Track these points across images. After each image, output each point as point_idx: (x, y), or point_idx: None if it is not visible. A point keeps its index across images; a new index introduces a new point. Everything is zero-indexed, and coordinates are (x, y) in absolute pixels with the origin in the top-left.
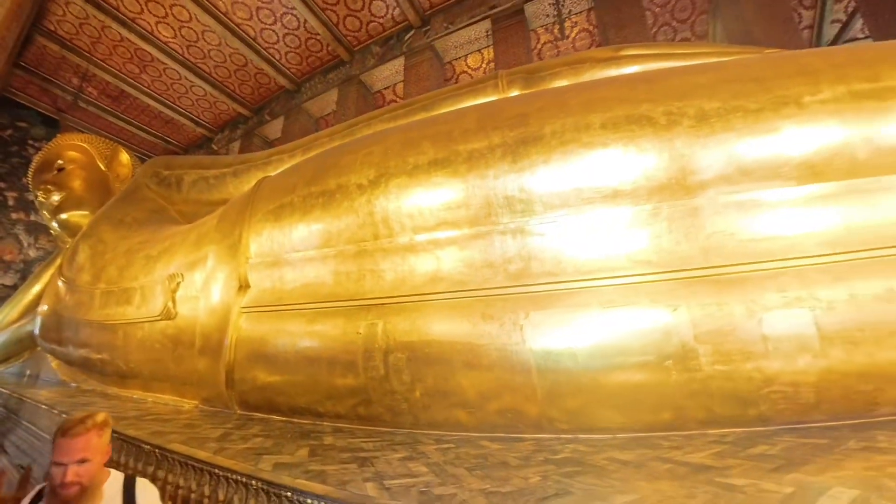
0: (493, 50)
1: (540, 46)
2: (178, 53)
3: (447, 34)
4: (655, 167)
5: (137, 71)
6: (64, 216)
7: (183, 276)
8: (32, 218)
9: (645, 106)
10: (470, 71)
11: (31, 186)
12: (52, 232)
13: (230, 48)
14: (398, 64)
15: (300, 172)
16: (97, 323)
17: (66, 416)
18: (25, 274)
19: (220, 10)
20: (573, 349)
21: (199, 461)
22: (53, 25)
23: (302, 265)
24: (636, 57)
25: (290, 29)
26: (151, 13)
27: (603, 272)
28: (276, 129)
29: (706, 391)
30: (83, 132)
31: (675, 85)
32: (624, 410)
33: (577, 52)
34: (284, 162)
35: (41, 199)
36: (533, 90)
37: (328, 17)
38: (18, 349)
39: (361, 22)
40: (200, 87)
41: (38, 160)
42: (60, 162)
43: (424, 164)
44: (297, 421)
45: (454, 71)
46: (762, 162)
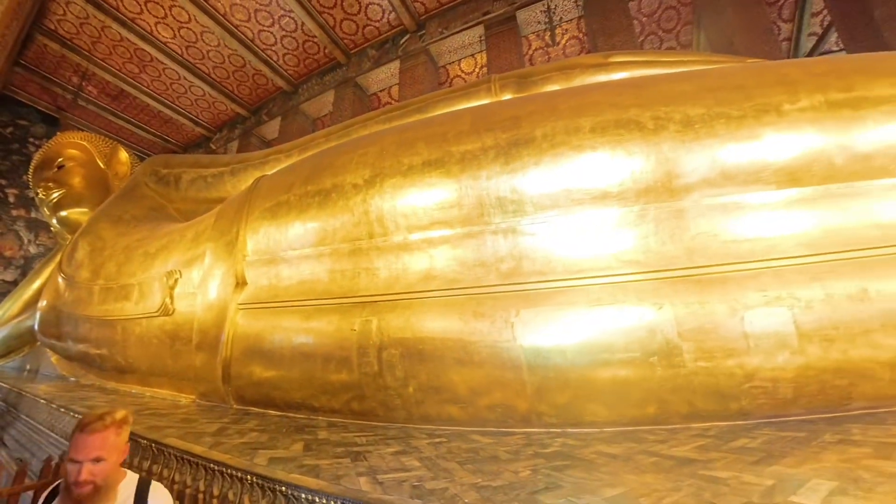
0: (486, 55)
1: (531, 52)
2: (177, 54)
3: (442, 39)
4: (642, 170)
5: (137, 70)
6: (64, 213)
7: (181, 272)
8: (33, 215)
9: (633, 111)
10: (464, 75)
11: (31, 184)
12: (52, 229)
13: (229, 49)
14: (394, 67)
15: (297, 172)
16: (96, 318)
17: (68, 410)
18: (26, 270)
19: (218, 11)
20: (562, 346)
21: (195, 456)
22: (54, 24)
23: (298, 263)
24: (624, 63)
25: (287, 31)
26: (151, 14)
27: (591, 271)
28: (273, 129)
29: (689, 386)
30: (83, 130)
31: (661, 91)
32: (610, 405)
33: (567, 58)
34: (281, 161)
35: (41, 196)
36: (525, 94)
37: (325, 20)
38: (18, 344)
39: (358, 25)
40: (199, 87)
41: (38, 158)
42: (60, 160)
43: (419, 164)
44: (292, 415)
45: (448, 75)
46: (744, 167)
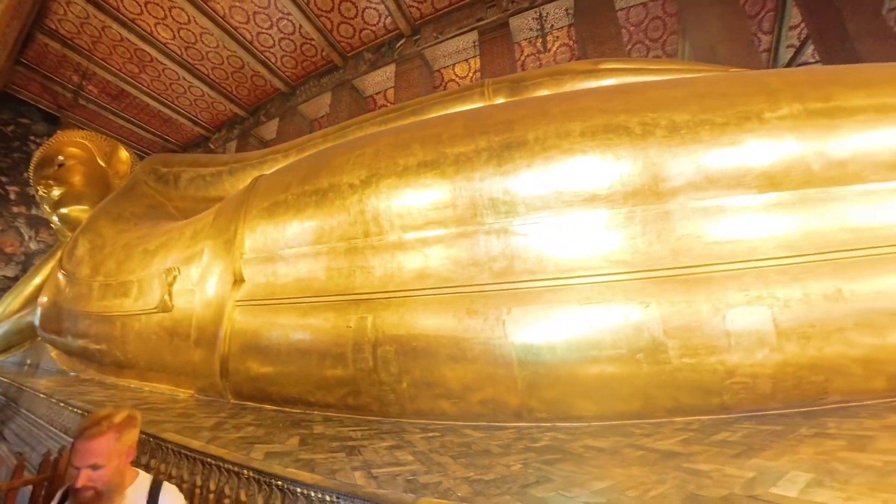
0: (479, 60)
1: (524, 58)
2: (176, 54)
3: (436, 43)
4: (630, 173)
5: (137, 70)
6: (64, 210)
7: (179, 270)
8: (34, 212)
9: (622, 116)
10: (457, 79)
11: (32, 181)
12: (52, 226)
13: (228, 51)
14: (389, 70)
15: (294, 172)
16: (96, 314)
17: (68, 405)
18: (26, 266)
19: (217, 13)
20: (552, 343)
21: (192, 450)
22: (55, 24)
23: (295, 261)
24: (613, 70)
25: (285, 33)
26: (151, 14)
27: (581, 271)
28: (271, 129)
29: (674, 382)
30: (84, 129)
31: (649, 97)
32: (598, 400)
33: (558, 64)
34: (279, 161)
35: (42, 193)
36: (517, 98)
37: (322, 23)
38: (19, 339)
39: (355, 29)
40: (198, 87)
41: (39, 156)
42: (61, 158)
43: (414, 165)
44: (288, 410)
45: (442, 79)
46: (727, 171)
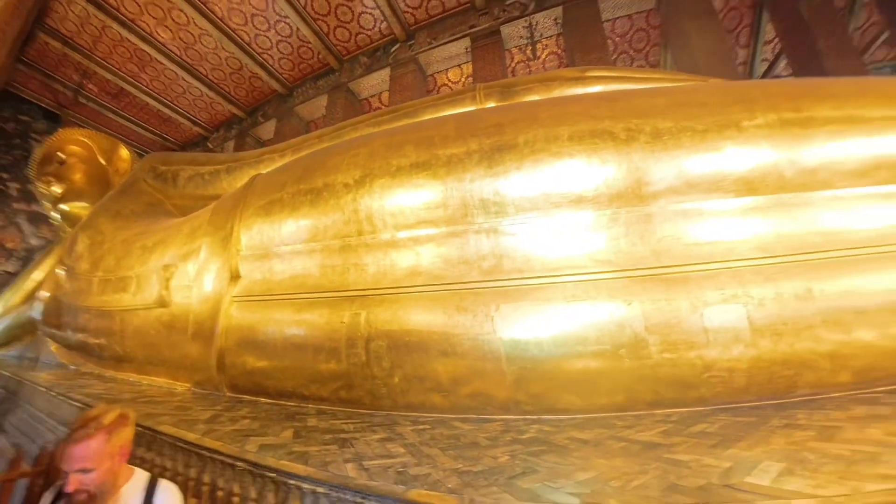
0: (471, 65)
1: (514, 65)
2: (176, 55)
3: (430, 49)
4: (615, 177)
5: (137, 70)
6: (64, 207)
7: (177, 266)
8: (34, 208)
9: (607, 122)
10: (450, 83)
11: (33, 178)
12: (52, 222)
13: (226, 52)
14: (384, 74)
15: (290, 171)
16: (95, 309)
17: (67, 398)
18: (27, 261)
19: (216, 15)
20: (539, 339)
21: (187, 443)
22: (55, 23)
23: (290, 258)
24: (600, 78)
25: (283, 36)
26: (151, 15)
27: (567, 270)
28: (268, 130)
29: (654, 376)
30: (84, 127)
31: (634, 104)
32: (582, 394)
33: (547, 71)
34: (275, 161)
35: (42, 190)
36: (508, 103)
37: (319, 26)
38: (20, 333)
39: (351, 33)
40: (197, 87)
41: (40, 153)
42: (62, 155)
43: (406, 166)
44: (283, 403)
45: (436, 83)
46: (706, 176)
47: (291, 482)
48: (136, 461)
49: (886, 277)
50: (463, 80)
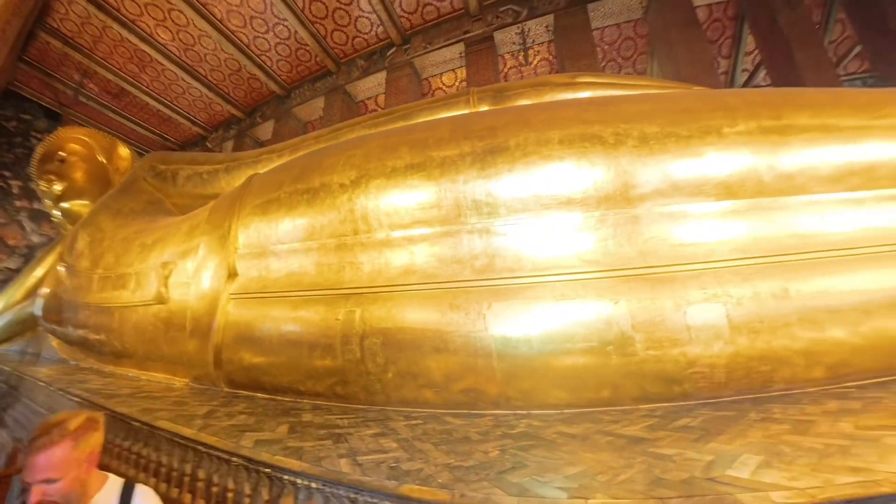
0: (465, 70)
1: (506, 70)
2: (175, 56)
3: (425, 53)
4: (604, 180)
5: (137, 70)
6: (65, 205)
7: (176, 263)
8: (36, 205)
9: (597, 126)
10: (444, 87)
11: (34, 176)
12: (53, 220)
13: (225, 53)
14: (380, 77)
15: (287, 171)
16: (95, 305)
17: (66, 392)
18: (29, 258)
19: (215, 16)
20: (529, 336)
21: (184, 438)
22: (56, 23)
23: (287, 256)
24: (589, 84)
25: (281, 38)
26: (150, 16)
27: (557, 269)
28: (267, 130)
29: (640, 372)
30: (85, 126)
31: (622, 110)
32: (570, 389)
33: (538, 76)
34: (273, 161)
35: (43, 188)
36: (500, 107)
37: (317, 29)
38: (21, 329)
39: (348, 37)
40: (197, 88)
41: (40, 151)
42: (62, 154)
43: (401, 167)
44: (279, 398)
45: (430, 87)
46: (690, 180)
47: (286, 478)
48: (132, 457)
49: (857, 278)
50: (457, 84)
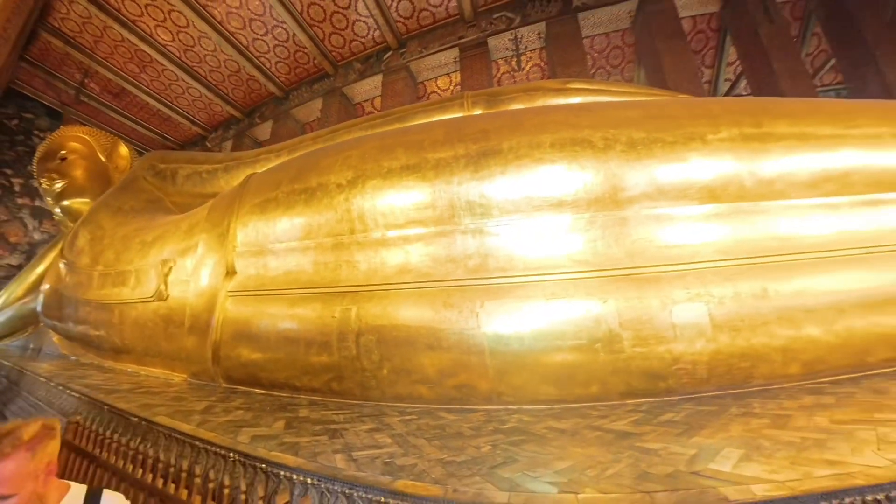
0: (459, 75)
1: (500, 75)
2: (175, 56)
3: (421, 57)
4: (593, 183)
5: (137, 70)
6: (66, 203)
7: (175, 261)
8: (37, 203)
9: (587, 131)
10: (439, 91)
11: (35, 174)
12: (54, 217)
13: (224, 55)
14: (377, 80)
15: (285, 171)
16: (95, 302)
17: (65, 388)
18: (30, 255)
19: (215, 18)
20: (520, 333)
21: (181, 433)
22: (58, 23)
23: (284, 255)
24: (580, 90)
25: (279, 41)
26: (151, 17)
27: (547, 269)
28: (265, 131)
29: (627, 369)
30: (86, 125)
31: (611, 115)
32: (560, 385)
33: (531, 82)
34: (271, 161)
35: (45, 186)
36: (494, 110)
37: (315, 32)
38: (23, 324)
39: (345, 40)
40: (196, 88)
41: (42, 150)
42: (63, 152)
43: (397, 168)
44: (276, 394)
45: (426, 90)
46: (675, 184)
47: (282, 473)
48: (130, 453)
49: (832, 279)
50: (451, 88)
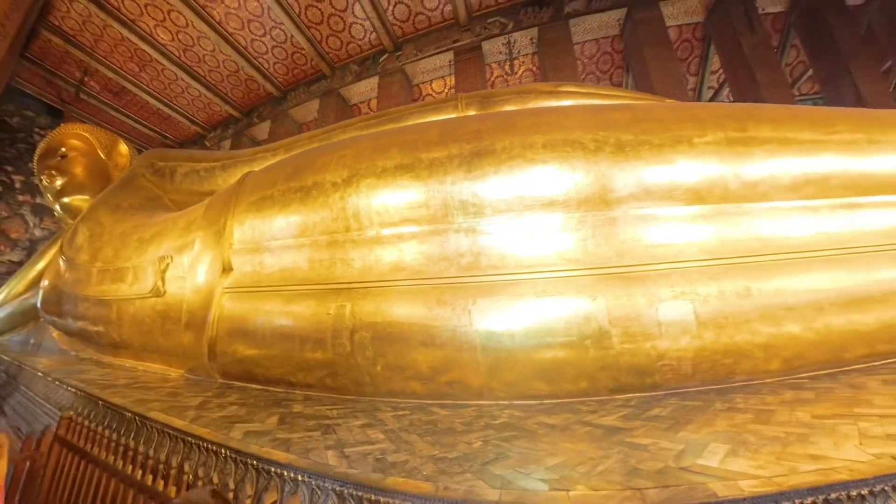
0: (454, 78)
1: (493, 79)
2: (175, 56)
3: (416, 60)
4: (583, 183)
5: (137, 69)
6: (66, 200)
7: (172, 257)
8: (38, 200)
9: (578, 132)
10: (434, 94)
11: (35, 171)
12: (55, 214)
13: (223, 55)
14: (373, 82)
15: (281, 169)
16: (93, 298)
17: (62, 383)
18: (31, 251)
19: (214, 18)
20: (512, 330)
21: (174, 429)
22: (58, 21)
23: (280, 252)
24: (571, 93)
25: (277, 42)
26: (150, 16)
27: (539, 267)
28: (263, 131)
29: (616, 365)
30: (86, 123)
31: (600, 117)
32: (550, 381)
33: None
34: (268, 159)
35: (45, 183)
36: (487, 112)
37: (312, 34)
38: (23, 320)
39: (342, 42)
40: (196, 88)
41: (42, 147)
42: (63, 149)
43: (391, 167)
44: (272, 389)
45: (421, 93)
46: (662, 185)
47: (273, 470)
48: (119, 450)
49: (811, 278)
50: (446, 91)
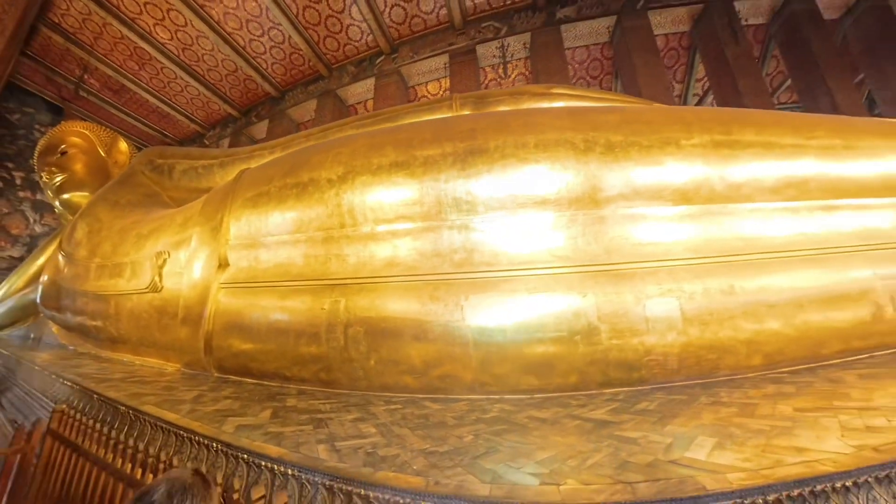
0: (449, 80)
1: (487, 82)
2: (174, 55)
3: (412, 62)
4: (574, 182)
5: (137, 68)
6: (65, 196)
7: (169, 253)
8: (38, 196)
9: (569, 133)
10: (430, 95)
11: (36, 168)
12: (55, 210)
13: (222, 54)
14: (369, 83)
15: (278, 166)
16: (92, 293)
17: (59, 377)
18: (31, 247)
19: (213, 18)
20: (503, 326)
21: (167, 423)
22: (58, 18)
23: (275, 248)
24: (563, 95)
25: (276, 42)
26: (150, 15)
27: (530, 264)
28: (261, 130)
29: (604, 359)
30: (86, 120)
31: (591, 119)
32: (540, 375)
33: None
34: (265, 157)
35: (45, 179)
36: (481, 112)
37: (310, 35)
38: (23, 315)
39: (339, 43)
40: (195, 87)
41: (42, 144)
42: (63, 146)
43: (386, 165)
44: (266, 384)
45: (416, 94)
46: (650, 186)
47: (263, 464)
48: (110, 444)
49: (792, 277)
50: (441, 92)
